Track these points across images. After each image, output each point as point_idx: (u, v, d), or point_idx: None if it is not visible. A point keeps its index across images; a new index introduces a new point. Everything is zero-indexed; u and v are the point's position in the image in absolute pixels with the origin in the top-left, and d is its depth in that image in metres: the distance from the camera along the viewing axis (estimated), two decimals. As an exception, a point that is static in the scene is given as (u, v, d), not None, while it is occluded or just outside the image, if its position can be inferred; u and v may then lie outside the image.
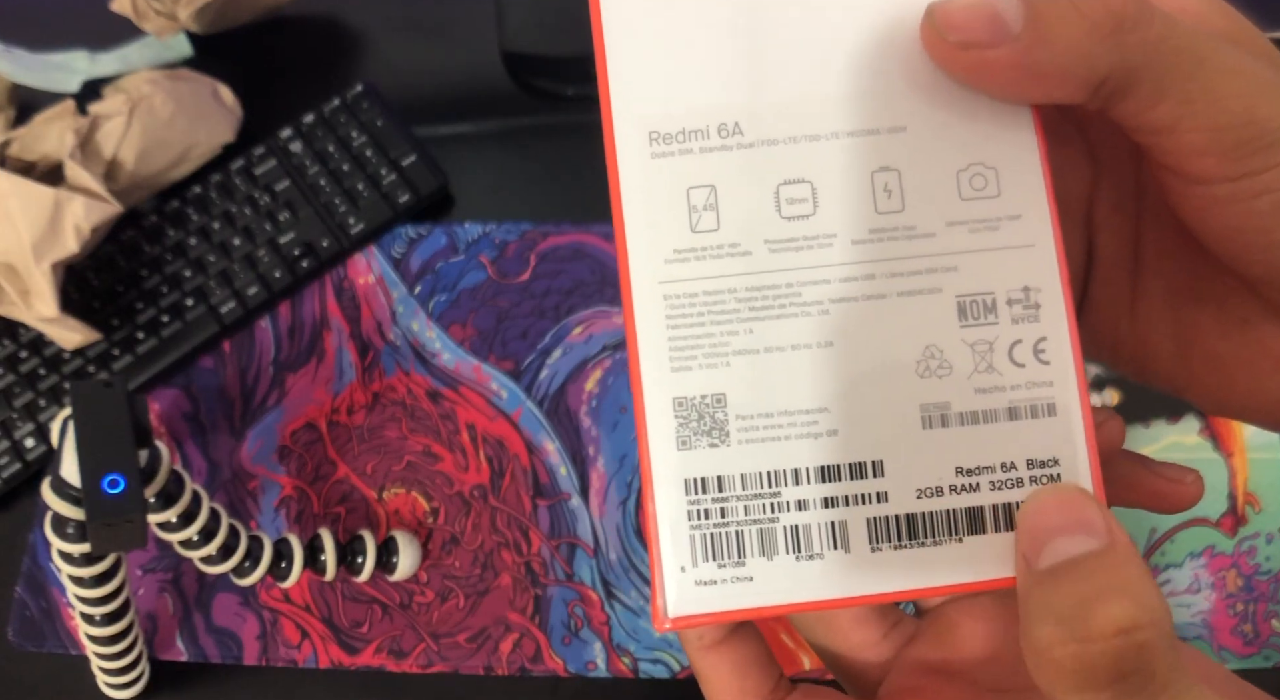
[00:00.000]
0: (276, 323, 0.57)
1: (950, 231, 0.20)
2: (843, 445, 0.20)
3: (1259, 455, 0.51)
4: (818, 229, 0.20)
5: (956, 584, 0.20)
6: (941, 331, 0.20)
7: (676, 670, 0.49)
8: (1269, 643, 0.47)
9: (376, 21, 0.66)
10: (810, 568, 0.20)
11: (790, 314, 0.20)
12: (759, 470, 0.20)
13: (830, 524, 0.20)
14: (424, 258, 0.58)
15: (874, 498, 0.20)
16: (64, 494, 0.40)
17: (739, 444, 0.20)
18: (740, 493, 0.20)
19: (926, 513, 0.20)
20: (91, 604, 0.45)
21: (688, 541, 0.20)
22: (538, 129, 0.62)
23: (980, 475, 0.20)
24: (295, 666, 0.50)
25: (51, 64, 0.65)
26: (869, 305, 0.20)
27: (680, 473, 0.20)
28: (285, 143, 0.60)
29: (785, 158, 0.20)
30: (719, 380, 0.20)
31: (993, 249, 0.21)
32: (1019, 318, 0.20)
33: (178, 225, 0.58)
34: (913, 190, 0.20)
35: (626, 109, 0.21)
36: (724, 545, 0.20)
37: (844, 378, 0.20)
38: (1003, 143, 0.21)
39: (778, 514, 0.20)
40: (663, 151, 0.21)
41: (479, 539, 0.51)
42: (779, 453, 0.20)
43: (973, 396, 0.20)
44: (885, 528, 0.20)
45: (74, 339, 0.53)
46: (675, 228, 0.20)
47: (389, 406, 0.54)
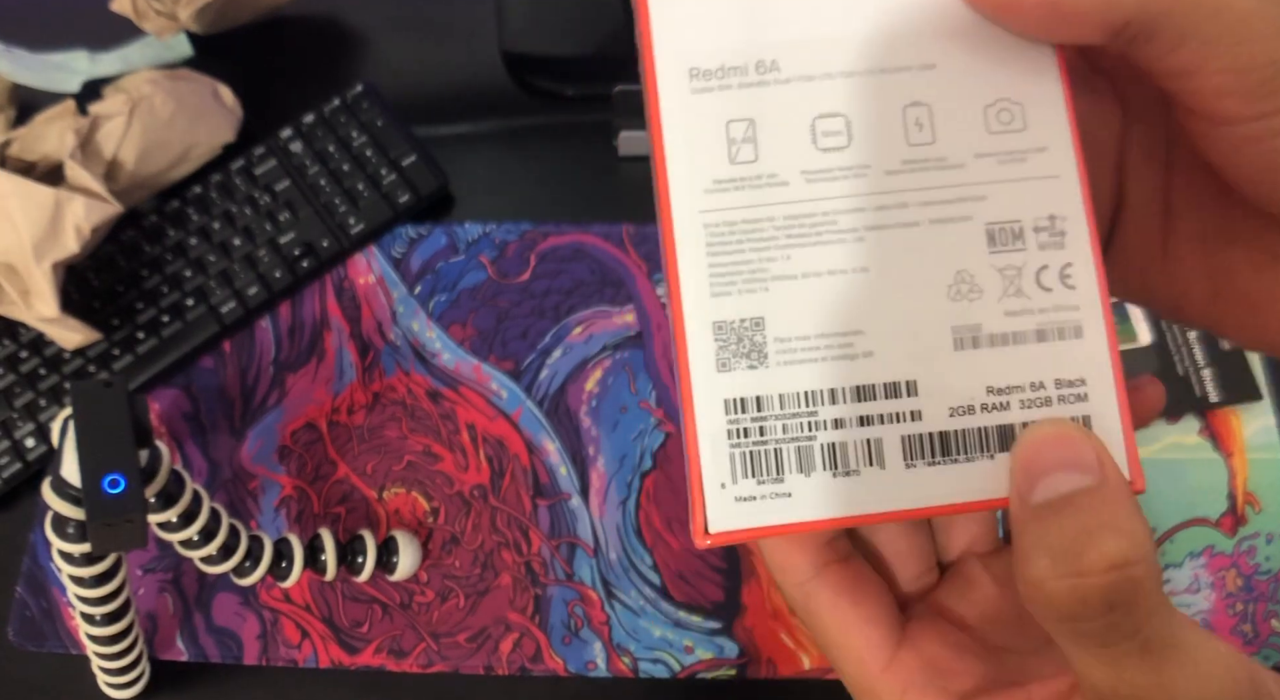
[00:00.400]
0: (277, 323, 0.57)
1: (979, 163, 0.21)
2: (878, 366, 0.21)
3: (1258, 455, 0.51)
4: (852, 160, 0.21)
5: (989, 500, 0.21)
6: (972, 257, 0.21)
7: (676, 670, 0.49)
8: (1269, 642, 0.47)
9: (377, 21, 0.66)
10: (847, 484, 0.20)
11: (826, 241, 0.21)
12: (796, 390, 0.21)
13: (866, 441, 0.21)
14: (424, 258, 0.58)
15: (908, 416, 0.21)
16: (64, 494, 0.40)
17: (777, 366, 0.21)
18: (778, 412, 0.20)
19: (959, 430, 0.21)
20: (92, 604, 0.45)
21: (727, 459, 0.20)
22: (538, 129, 0.62)
23: (1010, 394, 0.21)
24: (295, 666, 0.50)
25: (52, 64, 0.65)
26: (902, 232, 0.21)
27: (720, 393, 0.21)
28: (285, 143, 0.60)
29: (820, 93, 0.21)
30: (757, 304, 0.21)
31: (1020, 179, 0.21)
32: (1045, 244, 0.21)
33: (178, 225, 0.58)
34: (942, 124, 0.21)
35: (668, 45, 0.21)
36: (763, 462, 0.20)
37: (878, 301, 0.21)
38: (1028, 79, 0.21)
39: (815, 432, 0.20)
40: (703, 87, 0.21)
41: (479, 539, 0.51)
42: (816, 374, 0.21)
43: (1002, 319, 0.21)
44: (919, 445, 0.21)
45: (74, 339, 0.53)
46: (714, 159, 0.21)
47: (389, 406, 0.54)
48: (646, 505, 0.52)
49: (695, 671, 0.49)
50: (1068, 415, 0.21)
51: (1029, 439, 0.20)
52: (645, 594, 0.50)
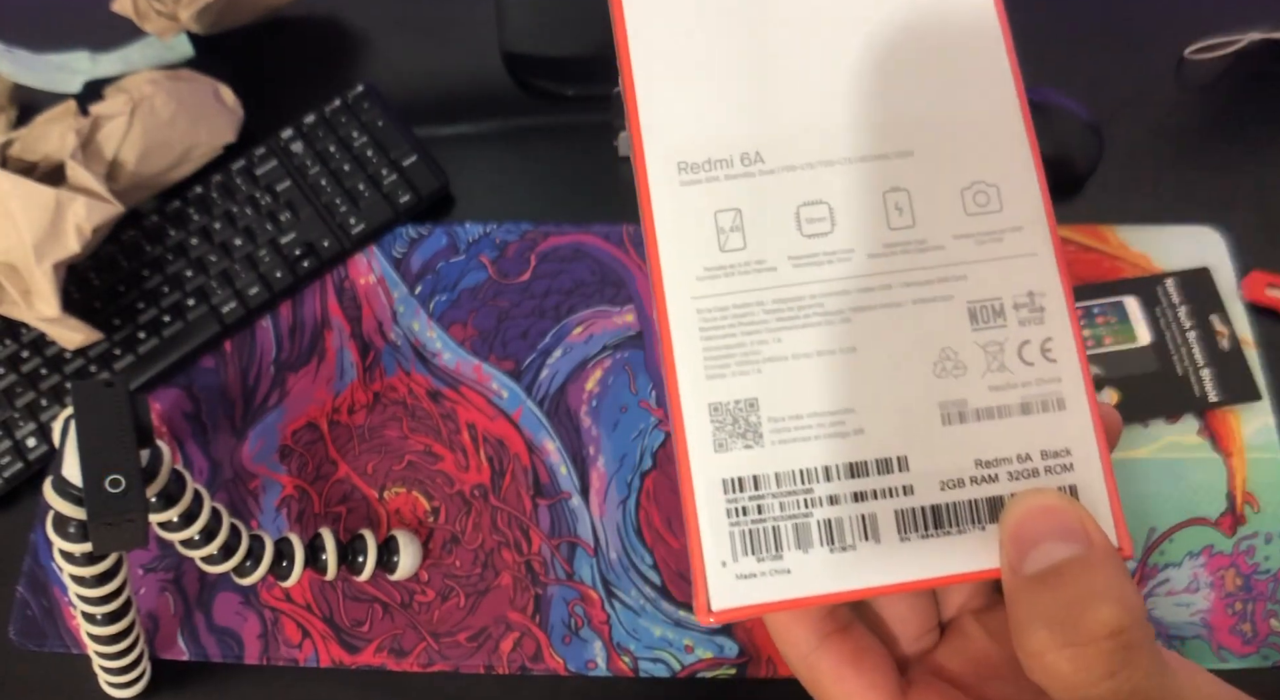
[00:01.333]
0: (277, 323, 0.57)
1: (958, 243, 0.22)
2: (869, 443, 0.21)
3: (1258, 455, 0.51)
4: (836, 245, 0.22)
5: (982, 570, 0.21)
6: (955, 335, 0.22)
7: (677, 669, 0.49)
8: (1268, 642, 0.48)
9: (377, 22, 0.67)
10: (844, 559, 0.21)
11: (815, 323, 0.22)
12: (792, 469, 0.21)
13: (861, 517, 0.21)
14: (425, 258, 0.58)
15: (900, 491, 0.21)
16: (65, 493, 0.40)
17: (772, 445, 0.21)
18: (775, 490, 0.21)
19: (950, 503, 0.21)
20: (93, 603, 0.45)
21: (728, 538, 0.21)
22: (538, 129, 0.62)
23: (998, 466, 0.21)
24: (296, 665, 0.50)
25: (53, 64, 0.65)
26: (887, 313, 0.22)
27: (718, 473, 0.21)
28: (286, 143, 0.60)
29: (804, 181, 0.22)
30: (751, 386, 0.21)
31: (998, 258, 0.22)
32: (1026, 320, 0.22)
33: (179, 225, 0.58)
34: (922, 207, 0.22)
35: (656, 141, 0.22)
36: (762, 540, 0.21)
37: (867, 380, 0.21)
38: (1002, 162, 0.22)
39: (811, 509, 0.21)
40: (691, 179, 0.22)
41: (479, 538, 0.52)
42: (810, 452, 0.21)
43: (987, 394, 0.22)
44: (913, 519, 0.21)
45: (75, 339, 0.53)
46: (705, 248, 0.22)
47: (390, 406, 0.55)
48: (646, 505, 0.52)
49: (695, 671, 0.49)
50: (1055, 485, 0.21)
51: (1017, 510, 0.20)
52: (645, 593, 0.50)
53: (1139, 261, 0.55)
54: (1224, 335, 0.53)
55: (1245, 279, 0.54)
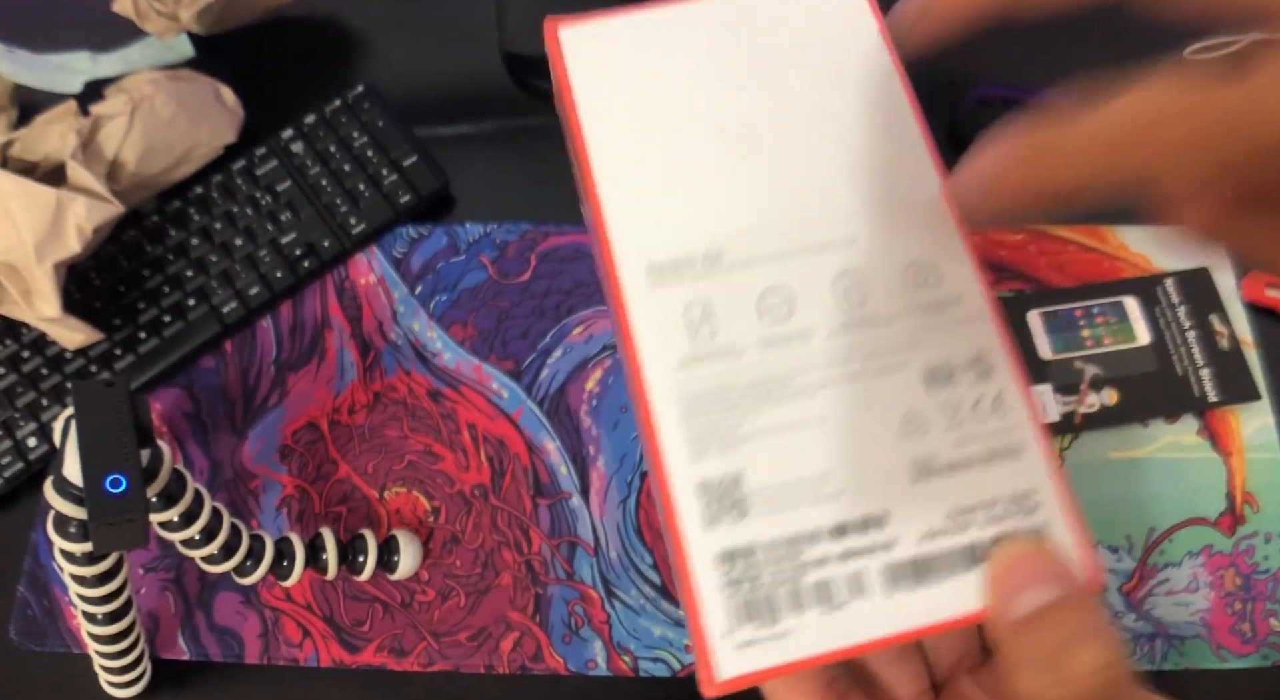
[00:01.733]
0: (278, 322, 0.57)
1: (906, 316, 0.24)
2: (849, 504, 0.23)
3: (1257, 455, 0.51)
4: (797, 327, 0.24)
5: (968, 614, 0.22)
6: (915, 398, 0.23)
7: (677, 669, 0.49)
8: (1267, 641, 0.48)
9: (377, 22, 0.67)
10: (838, 617, 0.22)
11: (786, 399, 0.23)
12: (780, 536, 0.22)
13: (849, 575, 0.22)
14: (425, 258, 0.58)
15: (884, 547, 0.22)
16: (66, 493, 0.40)
17: (759, 515, 0.22)
18: (767, 558, 0.22)
19: (931, 554, 0.22)
20: (93, 603, 0.45)
21: (725, 610, 0.22)
22: (538, 130, 0.62)
23: (971, 514, 0.23)
24: (297, 665, 0.50)
25: (53, 65, 0.65)
26: (851, 384, 0.23)
27: (712, 549, 0.22)
28: (286, 143, 0.60)
29: (762, 273, 0.24)
30: (734, 462, 0.23)
31: (943, 327, 0.24)
32: (976, 379, 0.24)
33: (179, 225, 0.58)
34: (870, 287, 0.24)
35: (626, 247, 0.24)
36: (758, 608, 0.22)
37: (841, 446, 0.23)
38: (935, 243, 0.25)
39: (802, 572, 0.22)
40: (659, 280, 0.24)
41: (480, 538, 0.52)
42: (795, 518, 0.22)
43: (951, 449, 0.23)
44: (898, 572, 0.22)
45: (76, 339, 0.53)
46: (679, 341, 0.24)
47: (390, 406, 0.55)
48: (646, 504, 0.52)
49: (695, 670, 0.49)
50: (1024, 526, 0.23)
51: (998, 560, 0.22)
52: (645, 593, 0.50)
53: (1139, 261, 0.55)
54: (1223, 335, 0.53)
55: (1245, 279, 0.54)
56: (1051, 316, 0.53)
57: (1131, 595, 0.49)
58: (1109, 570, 0.49)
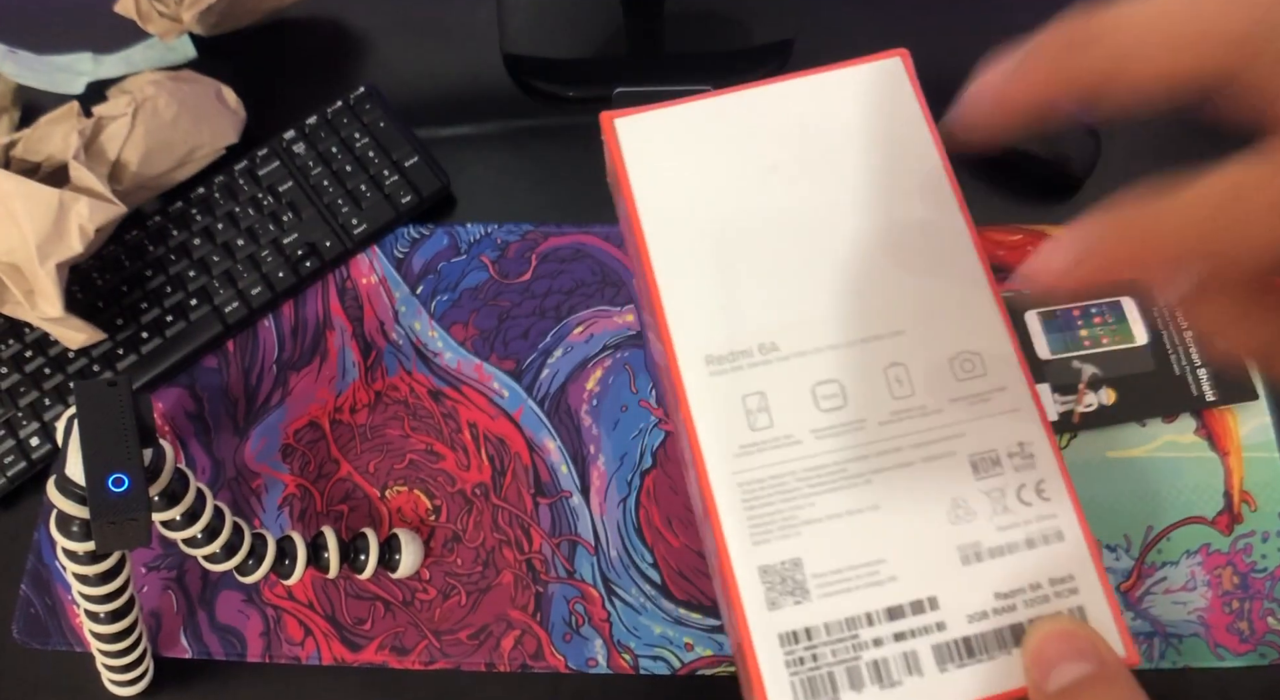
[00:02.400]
0: (280, 322, 0.57)
1: (953, 406, 0.25)
2: (902, 588, 0.24)
3: (1255, 454, 0.51)
4: (850, 417, 0.25)
5: (1013, 690, 0.23)
6: (962, 485, 0.25)
7: (677, 667, 0.49)
8: (1265, 640, 0.48)
9: (379, 23, 0.67)
10: (894, 694, 0.23)
11: (841, 486, 0.24)
12: (838, 618, 0.23)
13: (903, 655, 0.23)
14: (426, 258, 0.58)
15: (934, 627, 0.24)
16: (69, 492, 0.40)
17: (819, 598, 0.23)
18: (826, 639, 0.23)
19: (978, 634, 0.24)
20: (96, 602, 0.45)
21: (789, 687, 0.23)
22: (539, 130, 0.63)
23: (1015, 596, 0.24)
24: (298, 663, 0.50)
25: (56, 66, 0.65)
26: (901, 472, 0.24)
27: (775, 629, 0.23)
28: (288, 144, 0.60)
29: (816, 364, 0.25)
30: (794, 547, 0.24)
31: (988, 416, 0.25)
32: (1019, 466, 0.25)
33: (182, 226, 0.58)
34: (918, 378, 0.25)
35: (685, 340, 0.25)
36: (820, 686, 0.23)
37: (893, 532, 0.24)
38: (980, 334, 0.26)
39: (860, 652, 0.23)
40: (718, 370, 0.25)
41: (480, 537, 0.52)
42: (852, 601, 0.23)
43: (996, 534, 0.24)
44: (948, 651, 0.23)
45: (78, 338, 0.54)
46: (737, 428, 0.24)
47: (391, 405, 0.55)
48: (647, 503, 0.52)
49: (695, 669, 0.49)
50: (1064, 607, 0.24)
51: (1036, 636, 0.23)
52: (645, 591, 0.50)
53: (1137, 262, 0.55)
54: (1221, 335, 0.53)
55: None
56: (1049, 316, 0.53)
57: (1129, 594, 0.49)
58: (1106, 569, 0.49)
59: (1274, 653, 0.48)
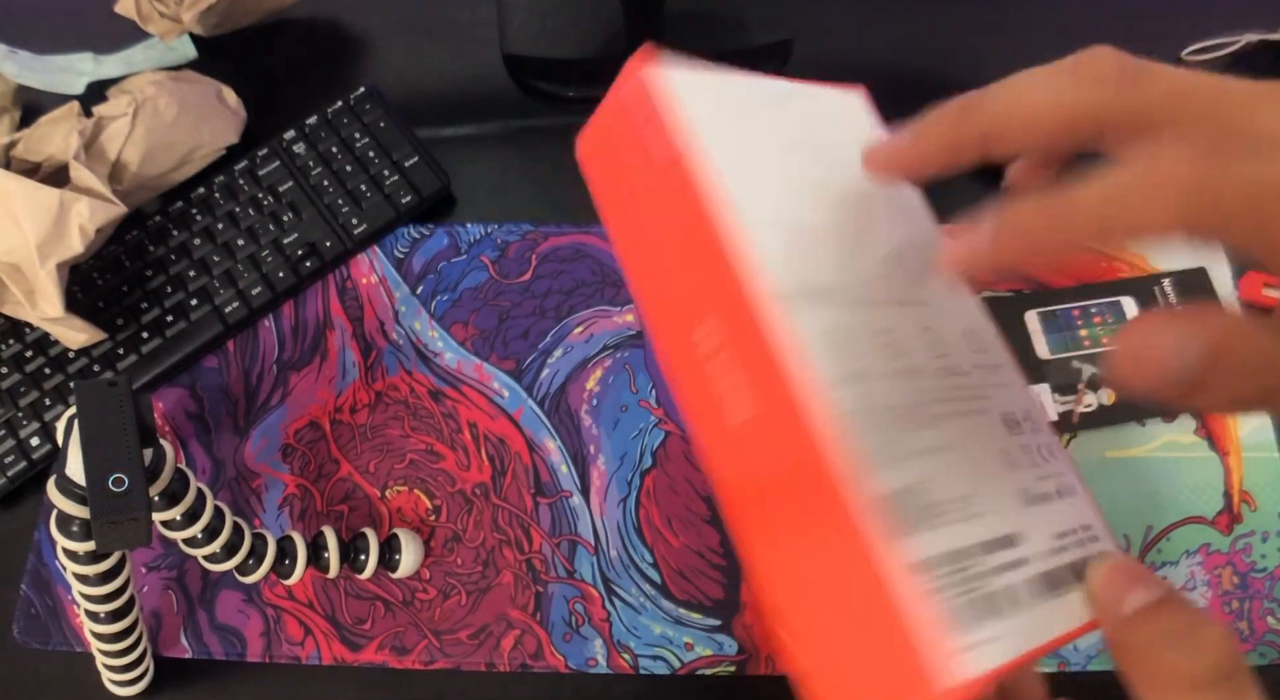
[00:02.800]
0: (280, 322, 0.57)
1: (976, 372, 0.27)
2: (990, 523, 0.24)
3: (1254, 454, 0.51)
4: (911, 364, 0.26)
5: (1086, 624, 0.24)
6: (1004, 438, 0.26)
7: (676, 667, 0.49)
8: (1264, 640, 0.48)
9: (379, 24, 0.67)
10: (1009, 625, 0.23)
11: (923, 424, 0.25)
12: (948, 550, 0.23)
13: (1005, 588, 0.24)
14: (426, 258, 0.58)
15: (1024, 562, 0.24)
16: (69, 492, 0.40)
17: (932, 529, 0.23)
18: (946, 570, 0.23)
19: (1055, 568, 0.25)
20: (96, 601, 0.45)
21: (942, 616, 0.22)
22: (539, 130, 0.63)
23: (1068, 537, 0.26)
24: (299, 663, 0.50)
25: (56, 66, 0.65)
26: (961, 419, 0.26)
27: (912, 556, 0.23)
28: (289, 144, 0.60)
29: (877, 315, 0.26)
30: (903, 478, 0.24)
31: (1000, 385, 0.27)
32: (1032, 429, 0.27)
33: (182, 226, 0.59)
34: (946, 343, 0.27)
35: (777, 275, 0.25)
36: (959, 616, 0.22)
37: (970, 471, 0.25)
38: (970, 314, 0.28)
39: (972, 585, 0.23)
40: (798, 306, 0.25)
41: (480, 537, 0.52)
42: (956, 534, 0.24)
43: (1038, 482, 0.26)
44: (1037, 584, 0.24)
45: (79, 338, 0.54)
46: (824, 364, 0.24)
47: (391, 405, 0.55)
48: (646, 503, 0.52)
49: (695, 668, 0.49)
50: (1094, 551, 0.26)
51: (1102, 569, 0.25)
52: (645, 591, 0.50)
53: (1136, 261, 0.55)
54: (1221, 335, 0.53)
55: (1241, 279, 0.55)
56: (1049, 316, 0.53)
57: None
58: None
59: (1274, 652, 0.48)
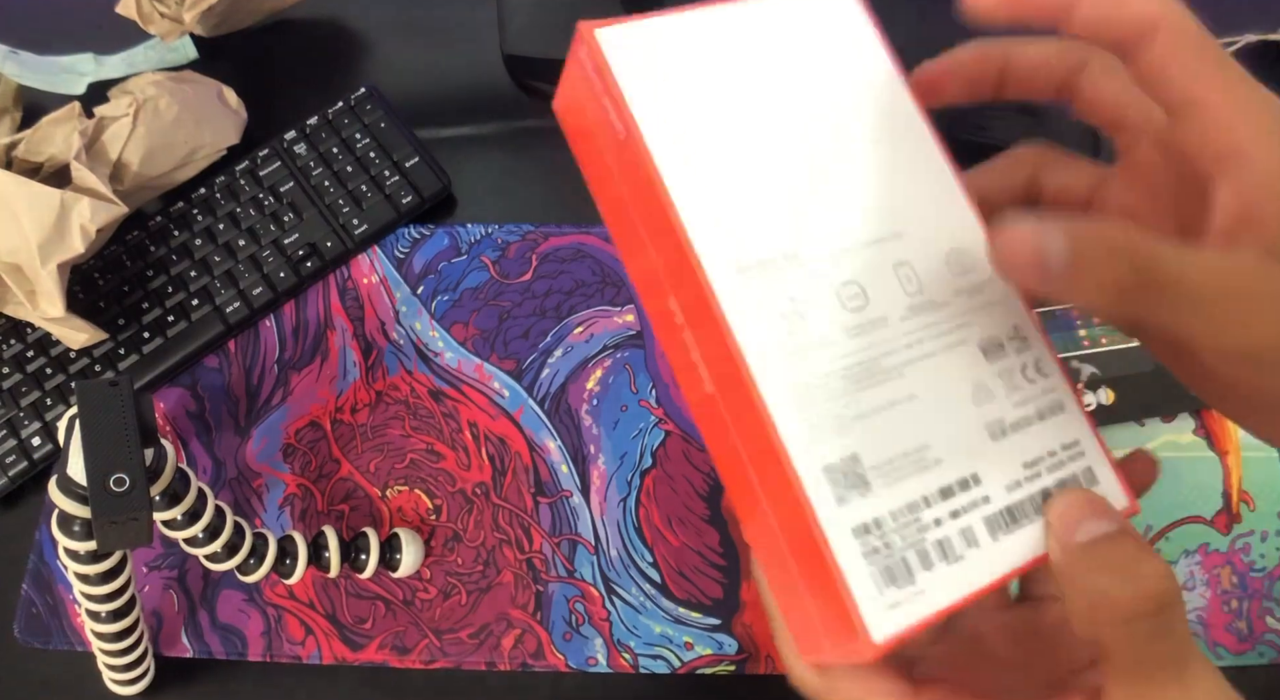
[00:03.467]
0: (281, 322, 0.57)
1: (956, 299, 0.27)
2: (948, 469, 0.25)
3: (1253, 454, 0.51)
4: (874, 314, 0.26)
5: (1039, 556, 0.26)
6: (978, 369, 0.26)
7: (676, 666, 0.49)
8: (1263, 640, 0.48)
9: (380, 24, 0.67)
10: (959, 568, 0.25)
11: (880, 380, 0.25)
12: (900, 505, 0.25)
13: (960, 530, 0.25)
14: (426, 258, 0.58)
15: (981, 501, 0.25)
16: (70, 492, 0.40)
17: (880, 489, 0.25)
18: (893, 526, 0.24)
19: (1017, 502, 0.25)
20: (97, 601, 0.45)
21: (868, 577, 0.24)
22: (539, 131, 0.63)
23: (1039, 464, 0.26)
24: (299, 662, 0.50)
25: (58, 67, 0.65)
26: (927, 362, 0.26)
27: (846, 524, 0.24)
28: (289, 145, 0.60)
29: (835, 266, 0.26)
30: (849, 444, 0.25)
31: (985, 306, 0.27)
32: (1019, 349, 0.27)
33: (183, 226, 0.59)
34: (923, 274, 0.27)
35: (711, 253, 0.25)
36: (896, 572, 0.24)
37: (931, 419, 0.26)
38: (960, 231, 0.28)
39: (923, 534, 0.24)
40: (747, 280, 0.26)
41: (481, 536, 0.52)
42: (909, 487, 0.25)
43: (1013, 410, 0.26)
44: (996, 521, 0.25)
45: (80, 338, 0.54)
46: (777, 335, 0.25)
47: (392, 405, 0.55)
48: (647, 503, 0.52)
49: (695, 667, 0.49)
50: (1076, 470, 0.26)
51: (1060, 502, 0.25)
52: (645, 591, 0.50)
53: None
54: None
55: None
56: (1048, 317, 0.53)
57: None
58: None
59: (1272, 652, 0.48)
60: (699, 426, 0.27)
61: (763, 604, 0.28)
